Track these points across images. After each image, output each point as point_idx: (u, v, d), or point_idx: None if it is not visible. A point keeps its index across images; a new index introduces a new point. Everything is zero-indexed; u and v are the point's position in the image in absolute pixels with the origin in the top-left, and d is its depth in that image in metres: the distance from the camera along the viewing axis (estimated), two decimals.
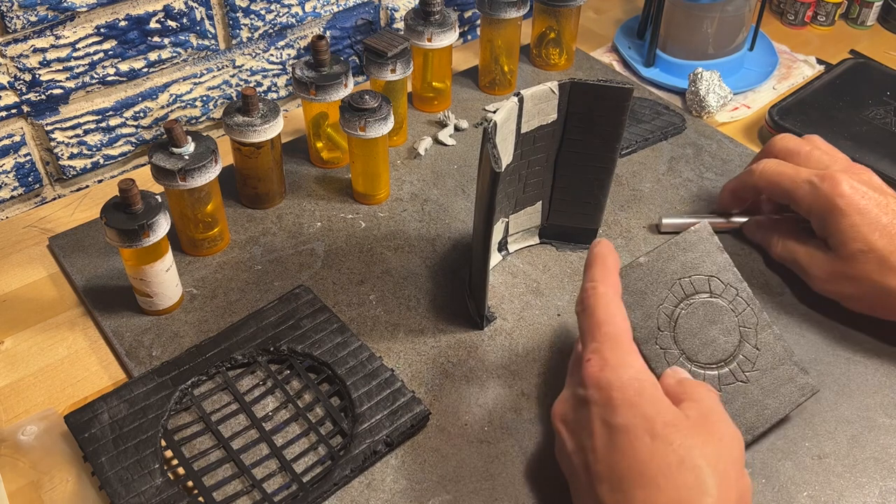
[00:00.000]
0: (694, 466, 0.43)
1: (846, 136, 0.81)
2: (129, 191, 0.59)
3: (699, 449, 0.43)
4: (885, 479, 0.55)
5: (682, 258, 0.55)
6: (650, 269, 0.54)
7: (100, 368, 0.63)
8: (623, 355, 0.47)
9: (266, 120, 0.69)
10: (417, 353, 0.63)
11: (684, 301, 0.54)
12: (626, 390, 0.45)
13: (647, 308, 0.54)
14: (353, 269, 0.70)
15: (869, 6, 1.04)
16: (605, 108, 0.63)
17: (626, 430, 0.44)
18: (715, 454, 0.44)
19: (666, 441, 0.43)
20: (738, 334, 0.55)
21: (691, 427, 0.45)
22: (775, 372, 0.55)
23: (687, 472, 0.42)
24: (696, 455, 0.43)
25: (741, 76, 0.94)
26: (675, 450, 0.43)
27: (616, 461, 0.44)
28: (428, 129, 0.85)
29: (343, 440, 0.57)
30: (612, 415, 0.45)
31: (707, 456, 0.43)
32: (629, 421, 0.44)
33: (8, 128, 0.74)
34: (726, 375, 0.54)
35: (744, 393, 0.54)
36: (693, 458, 0.43)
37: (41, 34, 0.71)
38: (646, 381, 0.46)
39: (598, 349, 0.47)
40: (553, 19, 0.90)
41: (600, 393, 0.46)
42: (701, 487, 0.42)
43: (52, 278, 0.70)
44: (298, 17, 0.86)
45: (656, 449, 0.43)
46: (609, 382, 0.46)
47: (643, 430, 0.44)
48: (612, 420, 0.45)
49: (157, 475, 0.54)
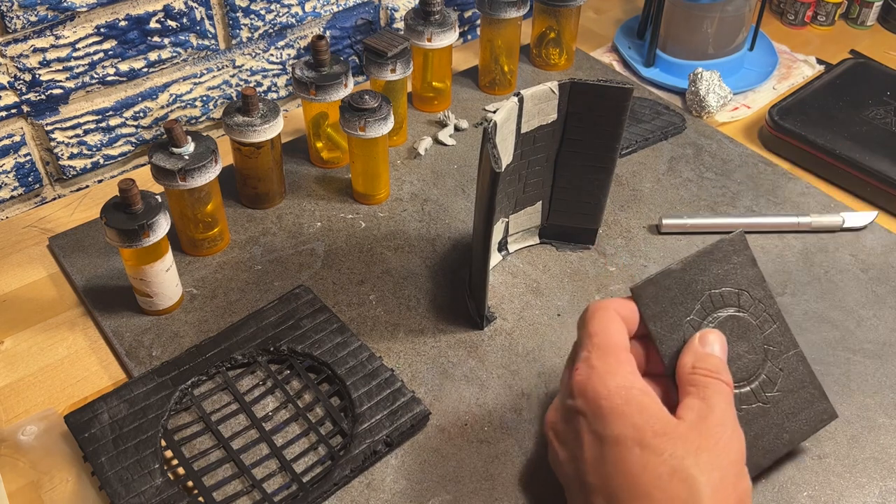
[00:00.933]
0: (686, 477, 0.42)
1: (846, 136, 0.81)
2: (129, 191, 0.59)
3: (692, 458, 0.42)
4: (885, 479, 0.55)
5: (715, 269, 0.52)
6: (681, 279, 0.52)
7: (100, 368, 0.63)
8: (612, 364, 0.46)
9: (266, 120, 0.69)
10: (417, 353, 0.63)
11: (712, 314, 0.52)
12: (612, 399, 0.44)
13: (674, 318, 0.51)
14: (353, 269, 0.70)
15: (869, 6, 1.04)
16: (605, 108, 0.63)
17: (615, 441, 0.43)
18: (709, 461, 0.43)
19: (656, 452, 0.42)
20: (763, 353, 0.53)
21: (684, 434, 0.43)
22: (796, 395, 0.53)
23: (679, 483, 0.42)
24: (689, 464, 0.42)
25: (741, 76, 0.94)
26: (665, 460, 0.42)
27: (608, 474, 0.43)
28: (428, 129, 0.85)
29: (343, 440, 0.57)
30: (601, 425, 0.44)
31: (701, 464, 0.42)
32: (618, 431, 0.44)
33: (8, 128, 0.74)
34: (747, 396, 0.52)
35: (763, 415, 0.52)
36: (685, 467, 0.42)
37: (41, 34, 0.71)
38: (633, 388, 0.45)
39: (587, 358, 0.47)
40: (553, 19, 0.90)
41: (587, 402, 0.45)
42: (694, 498, 0.41)
43: (52, 278, 0.70)
44: (298, 17, 0.86)
45: (647, 460, 0.42)
46: (596, 391, 0.45)
47: (632, 440, 0.43)
48: (602, 431, 0.44)
49: (157, 475, 0.54)
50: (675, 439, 0.43)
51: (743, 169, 0.81)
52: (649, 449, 0.43)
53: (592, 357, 0.47)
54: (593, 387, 0.45)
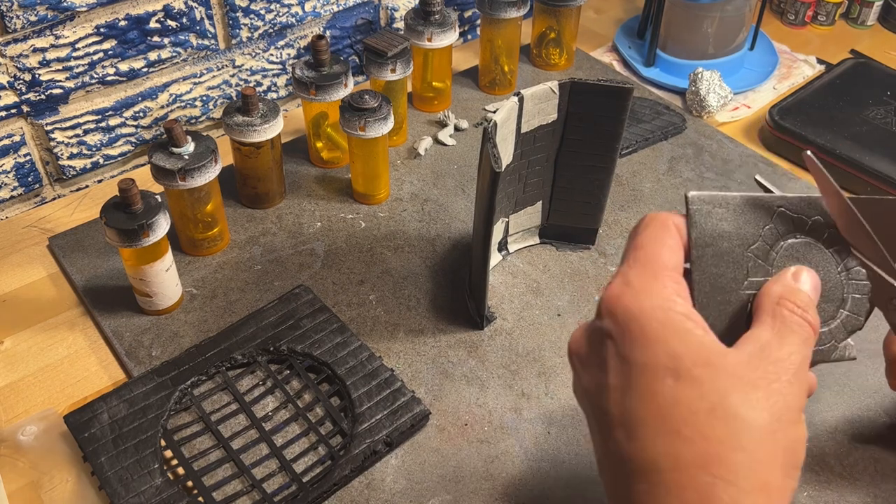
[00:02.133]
0: (728, 416, 0.35)
1: (846, 136, 0.81)
2: (129, 191, 0.59)
3: (739, 394, 0.36)
4: (885, 480, 0.55)
5: None
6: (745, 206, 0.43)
7: (99, 368, 0.63)
8: (651, 282, 0.39)
9: (266, 120, 0.69)
10: (417, 353, 0.63)
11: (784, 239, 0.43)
12: (647, 320, 0.37)
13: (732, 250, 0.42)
14: (353, 269, 0.70)
15: (869, 6, 1.04)
16: (606, 107, 0.63)
17: (644, 368, 0.37)
18: (761, 401, 0.36)
19: (695, 384, 0.36)
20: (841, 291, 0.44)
21: (734, 366, 0.37)
22: None
23: (717, 422, 0.35)
24: (735, 402, 0.35)
25: (741, 76, 0.94)
26: (704, 394, 0.36)
27: (633, 405, 0.37)
28: (428, 129, 0.85)
29: (343, 440, 0.57)
30: (630, 349, 0.38)
31: (750, 402, 0.36)
32: (650, 358, 0.37)
33: (8, 128, 0.74)
34: None
35: None
36: (729, 405, 0.35)
37: (41, 34, 0.71)
38: (674, 310, 0.38)
39: (625, 273, 0.40)
40: (553, 19, 0.90)
41: (616, 323, 0.38)
42: (734, 441, 0.35)
43: (51, 278, 0.70)
44: (298, 17, 0.86)
45: (681, 393, 0.36)
46: (627, 311, 0.38)
47: (666, 369, 0.36)
48: (630, 356, 0.38)
49: (156, 475, 0.54)
50: (721, 372, 0.36)
51: (743, 169, 0.81)
52: (687, 380, 0.36)
53: (631, 272, 0.39)
54: (625, 305, 0.38)
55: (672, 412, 0.36)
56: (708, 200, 0.42)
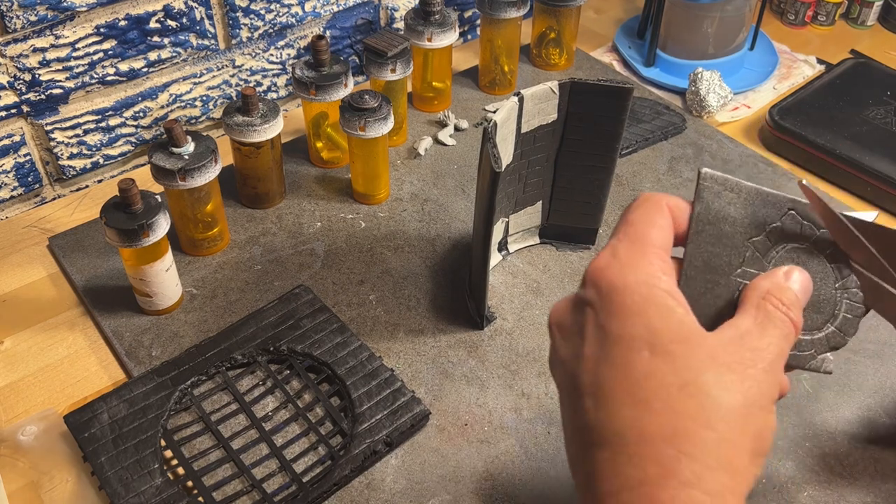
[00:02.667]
0: (699, 392, 0.35)
1: (846, 136, 0.81)
2: (129, 190, 0.59)
3: (713, 374, 0.36)
4: (885, 479, 0.55)
5: None
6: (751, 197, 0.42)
7: (99, 368, 0.63)
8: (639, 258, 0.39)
9: (266, 120, 0.69)
10: (417, 353, 0.63)
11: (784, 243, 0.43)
12: (630, 294, 0.37)
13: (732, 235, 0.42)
14: (353, 269, 0.70)
15: (869, 6, 1.04)
16: (605, 108, 0.63)
17: (621, 340, 0.37)
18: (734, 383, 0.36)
19: (670, 358, 0.36)
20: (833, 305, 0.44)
21: (712, 347, 0.37)
22: None
23: (689, 399, 0.35)
24: (707, 380, 0.35)
25: (741, 76, 0.94)
26: (677, 370, 0.36)
27: (606, 374, 0.37)
28: (428, 129, 0.85)
29: (343, 440, 0.57)
30: (609, 320, 0.37)
31: (722, 383, 0.35)
32: (628, 330, 0.37)
33: (8, 128, 0.74)
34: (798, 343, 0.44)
35: None
36: (701, 382, 0.35)
37: (41, 34, 0.71)
38: (658, 287, 0.38)
39: (614, 246, 0.40)
40: (553, 19, 0.90)
41: (599, 293, 0.38)
42: (703, 418, 0.35)
43: (51, 278, 0.70)
44: (298, 17, 0.86)
45: (655, 366, 0.36)
46: (611, 283, 0.38)
47: (643, 342, 0.36)
48: (608, 326, 0.37)
49: (156, 475, 0.54)
50: (698, 350, 0.36)
51: (743, 169, 0.81)
52: (662, 355, 0.36)
53: (620, 246, 0.39)
54: (609, 277, 0.38)
55: (644, 384, 0.36)
56: (720, 181, 0.41)
